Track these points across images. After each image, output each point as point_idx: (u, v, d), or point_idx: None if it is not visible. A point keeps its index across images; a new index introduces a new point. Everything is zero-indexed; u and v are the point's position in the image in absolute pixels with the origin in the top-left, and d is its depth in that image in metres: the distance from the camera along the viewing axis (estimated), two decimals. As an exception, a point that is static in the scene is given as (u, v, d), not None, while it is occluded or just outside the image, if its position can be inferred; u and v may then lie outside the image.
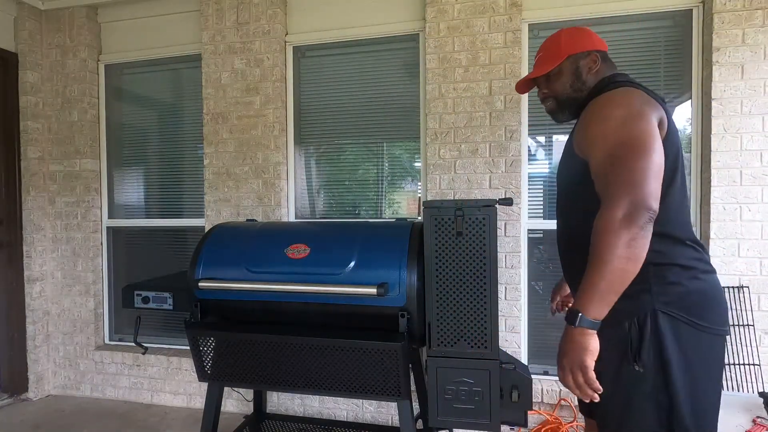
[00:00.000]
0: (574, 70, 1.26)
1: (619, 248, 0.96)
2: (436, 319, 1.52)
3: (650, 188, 0.98)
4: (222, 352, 1.77)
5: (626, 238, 0.96)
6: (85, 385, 2.95)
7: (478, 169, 2.37)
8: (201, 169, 2.79)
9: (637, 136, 1.02)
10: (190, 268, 1.79)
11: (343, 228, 1.83)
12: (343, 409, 2.55)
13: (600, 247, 0.99)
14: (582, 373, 1.02)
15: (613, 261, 0.96)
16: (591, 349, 1.01)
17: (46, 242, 2.98)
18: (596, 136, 1.08)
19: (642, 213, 0.96)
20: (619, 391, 1.11)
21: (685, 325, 1.06)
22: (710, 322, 1.08)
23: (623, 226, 0.96)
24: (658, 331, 1.05)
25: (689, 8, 2.24)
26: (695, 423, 1.06)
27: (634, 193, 0.97)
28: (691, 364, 1.06)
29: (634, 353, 1.06)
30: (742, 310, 2.10)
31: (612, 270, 0.97)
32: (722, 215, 2.13)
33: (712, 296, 1.11)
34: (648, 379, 1.07)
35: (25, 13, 2.88)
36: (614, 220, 0.97)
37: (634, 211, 0.96)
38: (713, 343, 1.09)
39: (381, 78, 2.62)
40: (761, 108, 2.10)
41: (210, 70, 2.70)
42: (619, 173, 1.00)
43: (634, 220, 0.96)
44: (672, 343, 1.05)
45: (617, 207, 0.98)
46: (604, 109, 1.10)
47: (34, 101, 2.93)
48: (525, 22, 2.38)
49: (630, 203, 0.96)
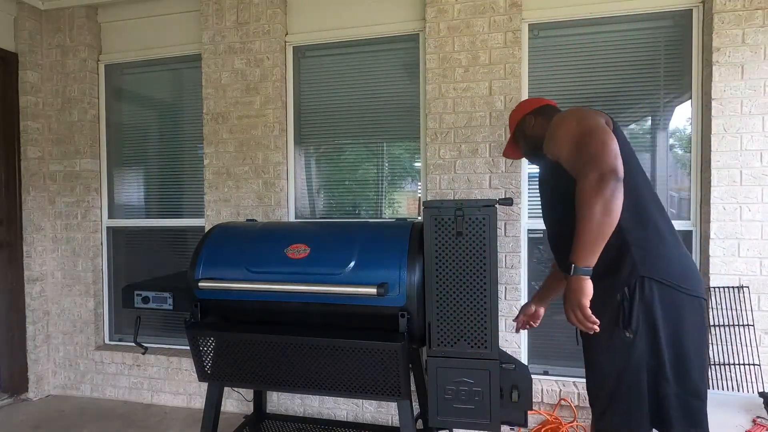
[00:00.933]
0: (522, 134, 1.62)
1: (596, 206, 1.18)
2: (436, 319, 1.53)
3: (611, 156, 1.19)
4: (222, 352, 1.77)
5: (601, 198, 1.17)
6: (85, 385, 2.95)
7: (478, 169, 2.37)
8: (201, 169, 2.79)
9: (591, 125, 1.28)
10: (190, 268, 1.79)
11: (343, 228, 1.82)
12: (343, 409, 2.55)
13: (582, 209, 1.21)
14: (580, 310, 1.25)
15: (594, 217, 1.18)
16: (586, 291, 1.23)
17: (46, 242, 2.98)
18: (561, 137, 1.34)
19: (610, 176, 1.17)
20: (612, 359, 1.28)
21: (668, 287, 1.24)
22: (690, 284, 1.27)
23: (596, 188, 1.18)
24: (645, 296, 1.24)
25: (689, 8, 2.24)
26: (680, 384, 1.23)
27: (600, 162, 1.19)
28: (676, 326, 1.24)
29: (625, 320, 1.25)
30: (742, 310, 2.10)
31: (593, 225, 1.19)
32: (722, 215, 2.13)
33: (687, 265, 1.31)
34: (638, 345, 1.24)
35: (25, 13, 2.88)
36: (588, 186, 1.19)
37: (602, 176, 1.18)
38: (694, 304, 1.27)
39: (381, 78, 2.62)
40: (761, 108, 2.10)
41: (210, 70, 2.70)
42: (585, 152, 1.24)
43: (605, 182, 1.17)
44: (658, 307, 1.23)
45: (589, 175, 1.20)
46: (562, 121, 1.38)
47: (34, 101, 2.93)
48: (525, 22, 2.38)
49: (598, 171, 1.18)
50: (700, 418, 1.25)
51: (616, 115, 2.35)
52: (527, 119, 1.58)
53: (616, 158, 1.20)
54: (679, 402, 1.23)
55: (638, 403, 1.25)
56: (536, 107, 1.59)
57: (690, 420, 1.24)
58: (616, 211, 1.19)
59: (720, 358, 2.10)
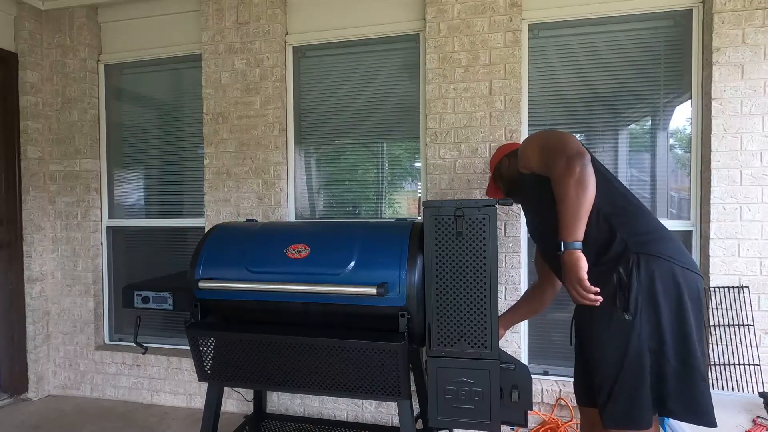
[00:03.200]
0: (500, 174, 1.78)
1: (570, 184, 1.27)
2: (436, 319, 1.53)
3: (573, 143, 1.33)
4: (222, 352, 1.77)
5: (571, 176, 1.27)
6: (85, 385, 2.95)
7: (478, 169, 2.37)
8: (201, 169, 2.79)
9: (549, 132, 1.51)
10: (190, 268, 1.79)
11: (343, 228, 1.82)
12: (343, 409, 2.55)
13: (559, 192, 1.31)
14: (579, 284, 1.28)
15: (569, 193, 1.27)
16: (581, 263, 1.27)
17: (46, 242, 2.98)
18: (528, 149, 1.50)
19: (576, 156, 1.28)
20: (611, 347, 1.29)
21: (666, 261, 1.26)
22: (686, 259, 1.30)
23: (566, 169, 1.29)
24: (643, 273, 1.25)
25: (689, 8, 2.24)
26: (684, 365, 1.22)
27: (564, 149, 1.32)
28: (678, 302, 1.24)
29: (624, 301, 1.25)
30: (742, 310, 2.10)
31: (571, 200, 1.27)
32: (722, 215, 2.13)
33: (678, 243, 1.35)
34: (638, 327, 1.25)
35: (25, 13, 2.88)
36: (559, 171, 1.30)
37: (569, 158, 1.29)
38: (693, 279, 1.28)
39: (381, 78, 2.62)
40: (761, 108, 2.10)
41: (210, 70, 2.70)
42: (550, 151, 1.37)
43: (573, 162, 1.28)
44: (659, 282, 1.24)
45: (558, 164, 1.31)
46: (528, 138, 1.56)
47: (34, 101, 2.93)
48: (525, 22, 2.38)
49: (564, 156, 1.30)
50: (704, 402, 1.22)
51: (616, 115, 2.35)
52: (503, 161, 1.75)
53: (578, 145, 1.32)
54: (681, 381, 1.22)
55: (641, 391, 1.24)
56: (510, 151, 1.74)
57: (695, 403, 1.21)
58: (590, 184, 1.27)
59: (720, 358, 2.10)
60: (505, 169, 1.74)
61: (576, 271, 1.27)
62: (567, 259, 1.29)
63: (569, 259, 1.28)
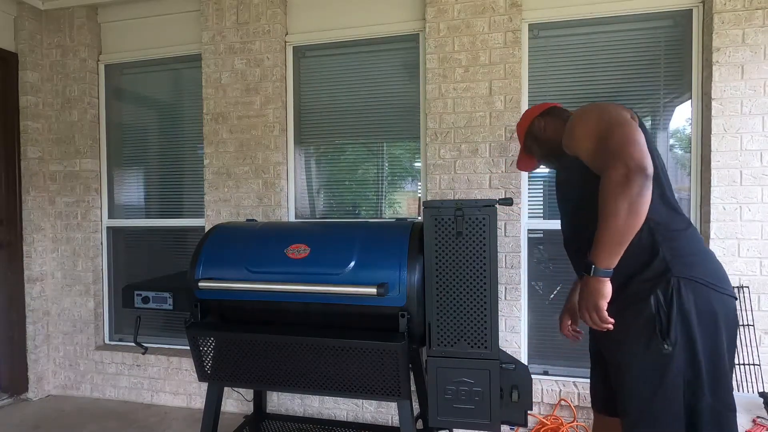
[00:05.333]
0: (534, 139, 1.57)
1: (622, 204, 1.09)
2: (436, 319, 1.53)
3: (638, 149, 1.10)
4: (222, 352, 1.77)
5: (627, 194, 1.08)
6: (85, 385, 2.95)
7: (478, 169, 2.37)
8: (201, 169, 2.79)
9: (613, 117, 1.20)
10: (190, 268, 1.79)
11: (343, 228, 1.82)
12: (343, 409, 2.55)
13: (606, 206, 1.12)
14: (596, 312, 1.19)
15: (618, 215, 1.10)
16: (604, 293, 1.17)
17: (46, 242, 2.98)
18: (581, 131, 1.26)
19: (637, 171, 1.08)
20: (647, 373, 1.17)
21: (703, 287, 1.14)
22: (724, 283, 1.18)
23: (623, 184, 1.09)
24: (683, 301, 1.13)
25: (689, 8, 2.24)
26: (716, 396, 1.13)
27: (626, 156, 1.09)
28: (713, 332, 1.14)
29: (663, 331, 1.14)
30: (742, 310, 2.10)
31: (617, 224, 1.10)
32: (722, 215, 2.13)
33: (717, 262, 1.23)
34: (676, 357, 1.13)
35: (25, 13, 2.88)
36: (614, 181, 1.10)
37: (629, 172, 1.08)
38: (728, 305, 1.18)
39: (381, 78, 2.62)
40: (761, 108, 2.10)
41: (210, 70, 2.70)
42: (608, 145, 1.15)
43: (632, 178, 1.08)
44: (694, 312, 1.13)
45: (614, 169, 1.10)
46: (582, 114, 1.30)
47: (34, 101, 2.93)
48: (525, 22, 2.38)
49: (624, 165, 1.09)
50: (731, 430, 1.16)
51: (616, 115, 2.35)
52: (536, 123, 1.54)
53: (643, 152, 1.10)
54: (714, 416, 1.14)
55: (674, 421, 1.15)
56: (542, 110, 1.55)
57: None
58: (643, 210, 1.10)
59: (720, 358, 2.10)
60: (540, 132, 1.52)
61: (597, 301, 1.17)
62: (593, 285, 1.17)
63: (595, 286, 1.17)
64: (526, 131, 1.58)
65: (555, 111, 1.53)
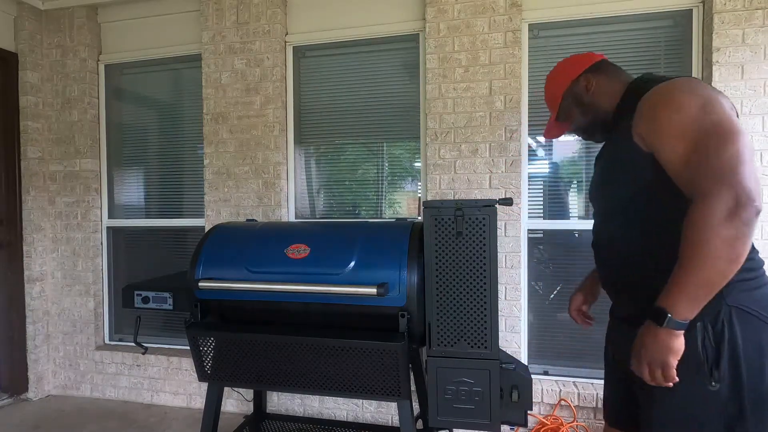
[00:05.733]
0: (576, 102, 1.26)
1: (719, 247, 0.87)
2: (436, 319, 1.52)
3: (750, 179, 0.87)
4: (222, 352, 1.77)
5: (728, 236, 0.86)
6: (85, 385, 2.95)
7: (478, 169, 2.37)
8: (201, 169, 2.79)
9: (720, 121, 0.93)
10: (190, 268, 1.79)
11: (343, 228, 1.82)
12: (343, 409, 2.55)
13: (697, 244, 0.89)
14: (662, 370, 0.97)
15: (712, 260, 0.88)
16: (676, 349, 0.95)
17: (46, 242, 2.98)
18: (672, 125, 0.97)
19: (747, 208, 0.86)
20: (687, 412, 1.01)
21: (752, 317, 0.98)
22: None
23: (726, 222, 0.86)
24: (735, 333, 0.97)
25: (689, 8, 2.24)
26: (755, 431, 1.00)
27: (735, 186, 0.87)
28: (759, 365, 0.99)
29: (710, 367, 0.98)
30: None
31: (709, 270, 0.88)
32: (722, 215, 2.13)
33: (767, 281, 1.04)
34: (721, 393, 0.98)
35: (25, 13, 2.88)
36: (715, 215, 0.87)
37: (737, 206, 0.86)
38: None
39: (381, 78, 2.62)
40: (761, 108, 2.10)
41: (210, 70, 2.70)
42: (713, 163, 0.90)
43: (739, 217, 0.86)
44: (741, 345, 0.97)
45: (719, 199, 0.87)
46: (673, 97, 1.00)
47: (34, 101, 2.93)
48: (525, 22, 2.38)
49: (732, 197, 0.86)
50: None
51: (616, 115, 2.35)
52: (582, 81, 1.23)
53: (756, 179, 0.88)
54: None
55: None
56: (592, 64, 1.24)
57: None
58: (743, 256, 0.88)
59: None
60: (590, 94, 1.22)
61: (666, 357, 0.96)
62: (663, 339, 0.95)
63: (666, 340, 0.95)
64: (567, 90, 1.25)
65: (609, 68, 1.25)
